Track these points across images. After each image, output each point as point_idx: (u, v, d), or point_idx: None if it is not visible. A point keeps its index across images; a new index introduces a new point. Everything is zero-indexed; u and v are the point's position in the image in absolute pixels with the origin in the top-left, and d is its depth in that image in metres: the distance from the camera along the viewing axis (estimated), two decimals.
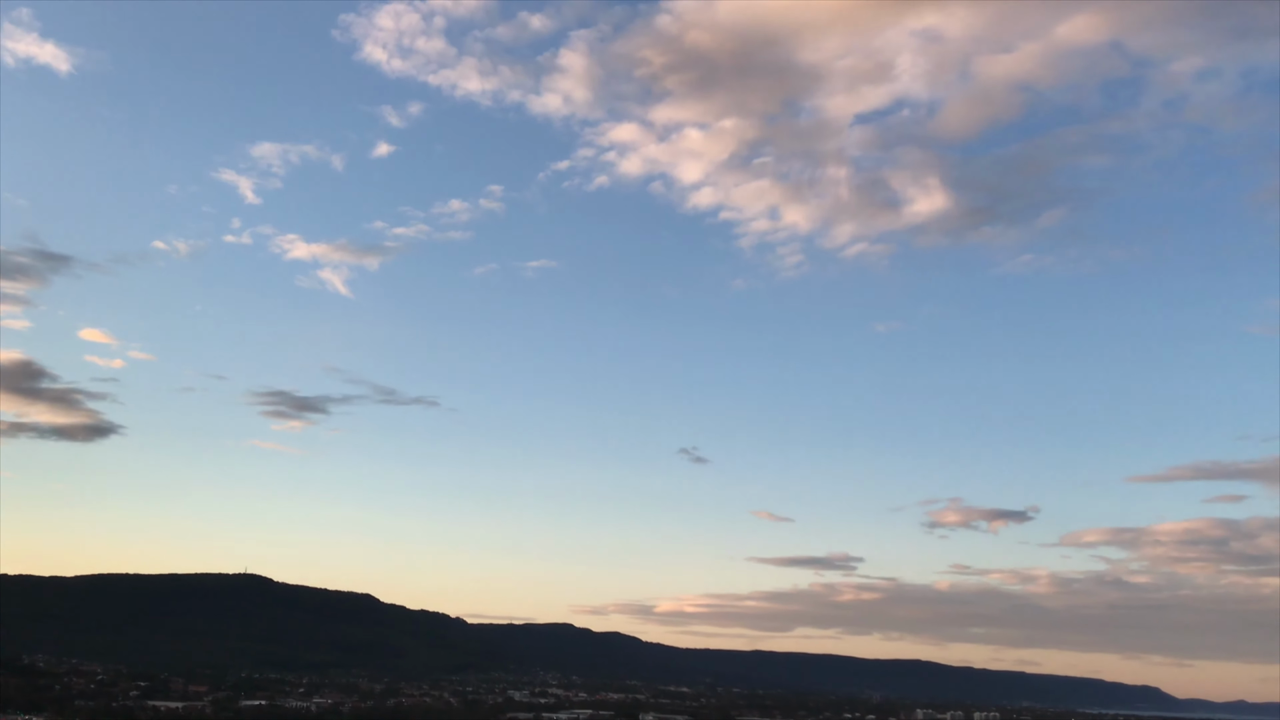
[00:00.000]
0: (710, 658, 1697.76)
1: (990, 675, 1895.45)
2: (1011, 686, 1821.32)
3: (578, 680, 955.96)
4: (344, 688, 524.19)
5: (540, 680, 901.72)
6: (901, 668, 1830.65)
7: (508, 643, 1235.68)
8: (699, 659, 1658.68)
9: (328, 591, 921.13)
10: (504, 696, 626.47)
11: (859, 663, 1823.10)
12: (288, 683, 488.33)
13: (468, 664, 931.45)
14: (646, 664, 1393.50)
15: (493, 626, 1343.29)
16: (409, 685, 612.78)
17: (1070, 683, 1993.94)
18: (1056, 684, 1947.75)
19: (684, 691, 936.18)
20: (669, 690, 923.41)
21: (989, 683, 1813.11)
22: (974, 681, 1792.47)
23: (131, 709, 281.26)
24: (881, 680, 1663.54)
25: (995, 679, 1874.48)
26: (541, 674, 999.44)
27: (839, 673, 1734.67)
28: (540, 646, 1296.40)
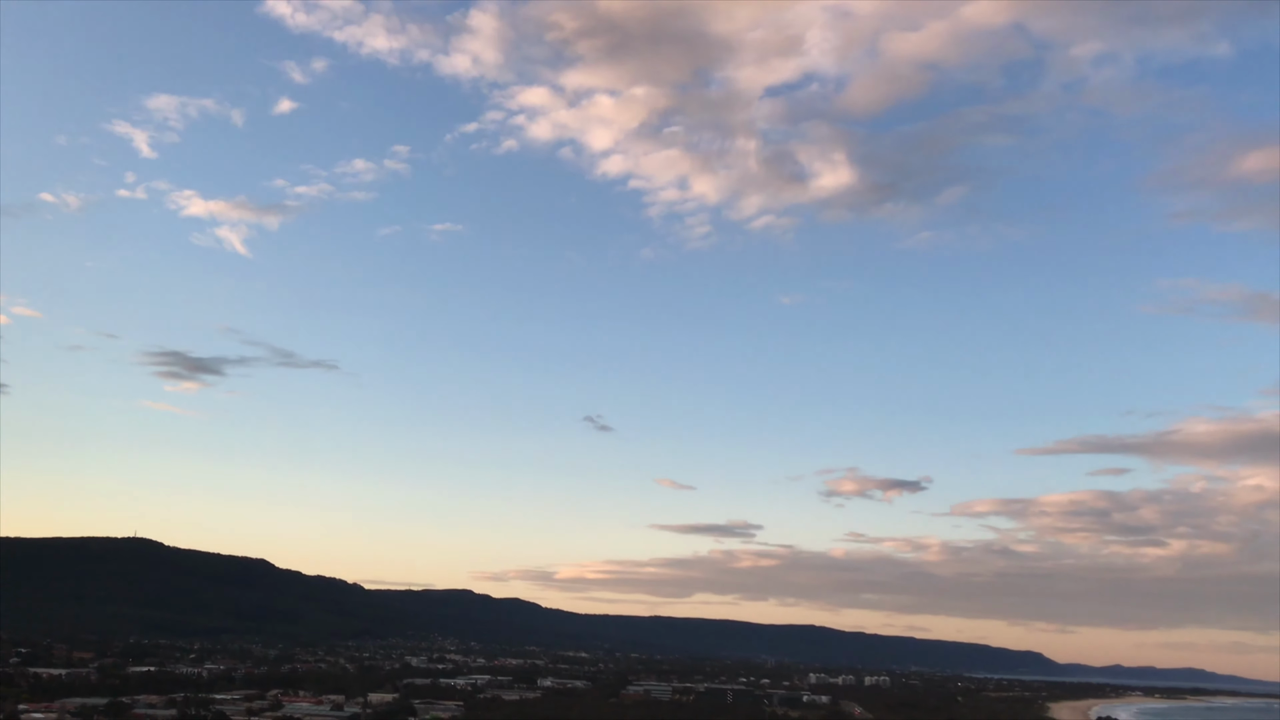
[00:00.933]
0: (610, 624, 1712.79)
1: (882, 640, 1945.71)
2: (902, 651, 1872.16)
3: (476, 646, 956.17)
4: (237, 654, 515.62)
5: (438, 646, 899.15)
6: (797, 633, 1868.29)
7: (406, 609, 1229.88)
8: (599, 625, 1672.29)
9: (221, 557, 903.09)
10: (401, 663, 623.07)
11: (755, 628, 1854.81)
12: (178, 649, 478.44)
13: (364, 630, 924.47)
14: (546, 630, 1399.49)
15: (391, 593, 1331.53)
16: (304, 652, 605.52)
17: (958, 648, 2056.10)
18: (945, 649, 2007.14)
19: (582, 657, 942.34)
20: (568, 656, 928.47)
21: (881, 648, 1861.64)
22: (866, 646, 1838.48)
23: (12, 675, 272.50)
24: (777, 645, 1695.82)
25: (887, 644, 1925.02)
26: (440, 640, 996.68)
27: (736, 638, 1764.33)
28: (439, 613, 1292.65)
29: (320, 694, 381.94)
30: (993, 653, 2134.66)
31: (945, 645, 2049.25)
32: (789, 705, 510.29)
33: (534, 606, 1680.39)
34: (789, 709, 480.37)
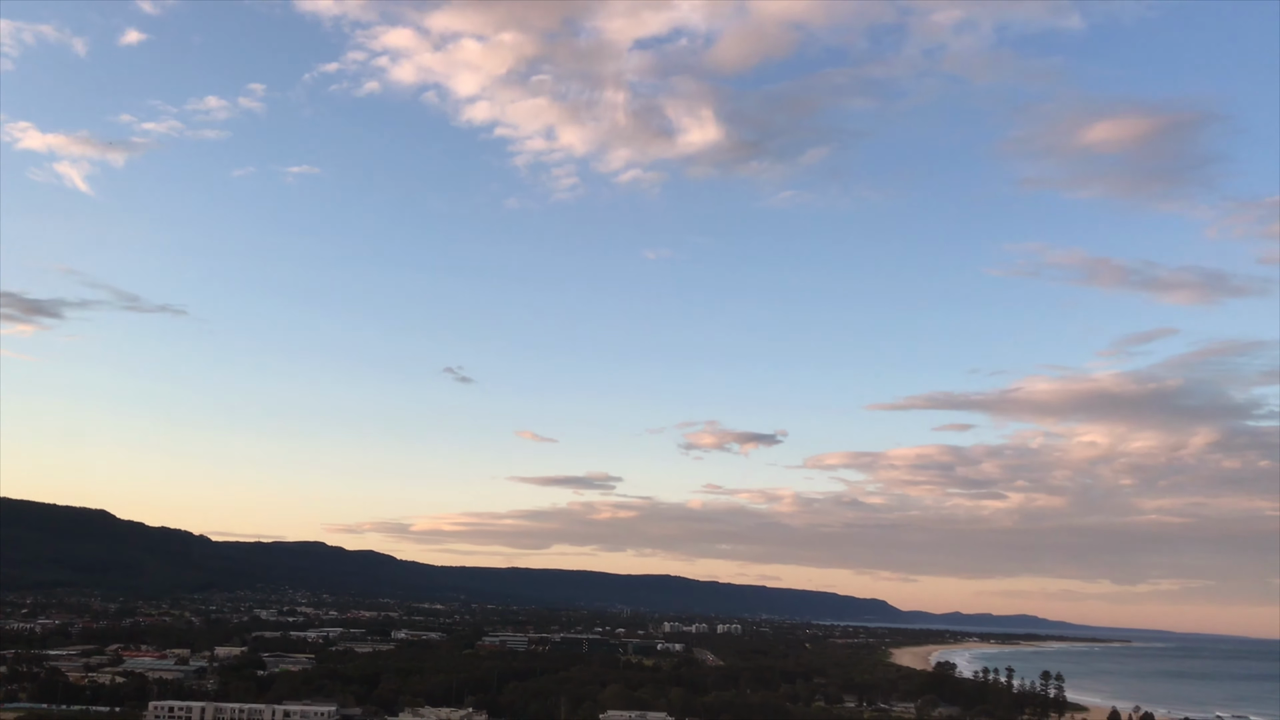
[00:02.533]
0: (466, 575, 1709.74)
1: (735, 589, 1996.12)
2: (754, 600, 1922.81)
3: (329, 599, 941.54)
4: (74, 608, 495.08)
5: (289, 599, 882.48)
6: (653, 582, 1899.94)
7: (255, 562, 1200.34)
8: (455, 577, 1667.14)
9: (57, 508, 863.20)
10: (250, 616, 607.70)
11: (613, 578, 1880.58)
12: (9, 603, 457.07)
13: (211, 583, 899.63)
14: (401, 582, 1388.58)
15: (239, 545, 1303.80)
16: (147, 605, 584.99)
17: (807, 596, 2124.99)
18: (795, 597, 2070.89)
19: (438, 609, 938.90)
20: (423, 608, 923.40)
21: (734, 596, 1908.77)
22: (720, 595, 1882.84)
23: None
24: (634, 595, 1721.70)
25: (740, 593, 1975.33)
26: (291, 593, 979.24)
27: (593, 588, 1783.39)
28: (290, 565, 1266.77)
29: (164, 648, 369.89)
30: (840, 600, 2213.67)
31: (795, 594, 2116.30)
32: (644, 654, 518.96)
33: (389, 559, 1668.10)
34: (644, 657, 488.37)
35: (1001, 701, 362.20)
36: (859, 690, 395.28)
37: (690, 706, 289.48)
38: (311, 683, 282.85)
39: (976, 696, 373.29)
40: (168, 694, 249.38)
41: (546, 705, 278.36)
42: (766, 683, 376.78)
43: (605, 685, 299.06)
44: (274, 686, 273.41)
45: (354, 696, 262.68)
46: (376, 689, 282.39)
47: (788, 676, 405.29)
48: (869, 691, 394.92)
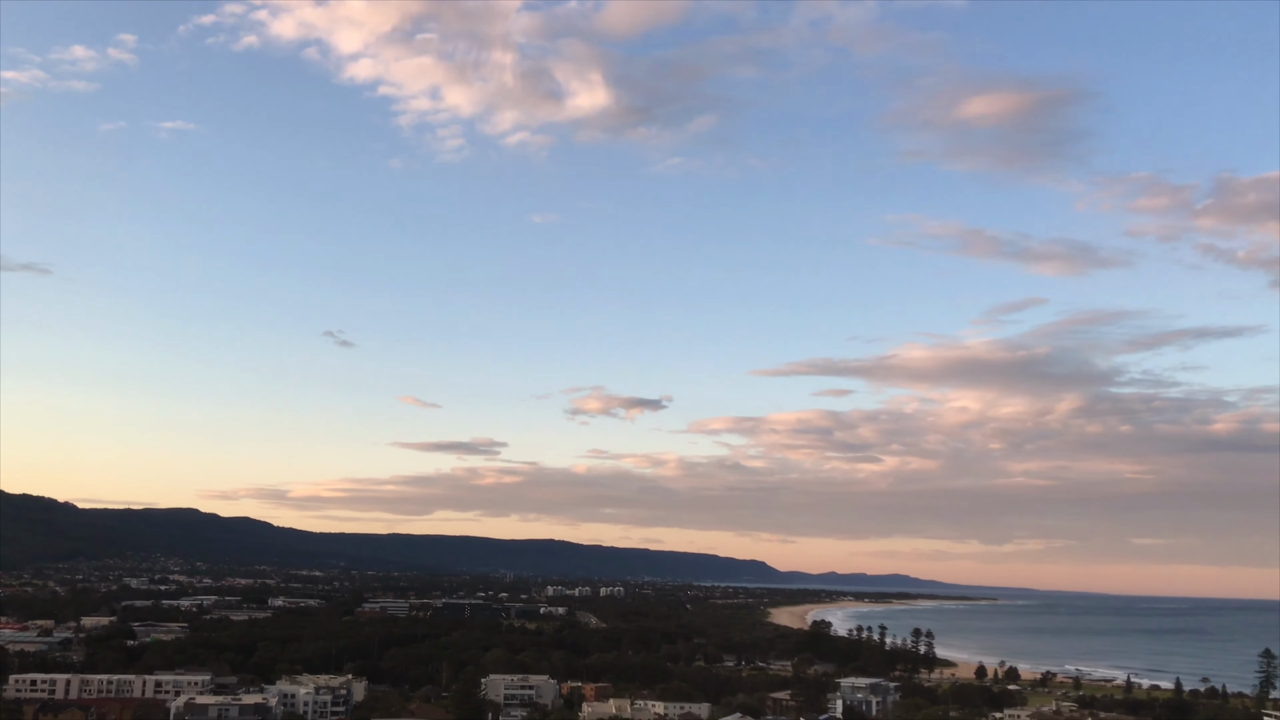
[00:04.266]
0: (346, 541, 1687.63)
1: (619, 553, 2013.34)
2: (637, 563, 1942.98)
3: (203, 567, 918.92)
4: None
5: (161, 567, 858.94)
6: (537, 547, 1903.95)
7: (124, 529, 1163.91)
8: (334, 543, 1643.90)
9: None
10: (119, 585, 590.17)
11: (497, 543, 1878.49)
12: None
13: (77, 551, 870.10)
14: (278, 549, 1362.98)
15: (108, 512, 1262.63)
16: (7, 575, 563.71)
17: (689, 558, 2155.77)
18: (677, 559, 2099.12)
19: (317, 576, 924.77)
20: (301, 575, 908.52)
21: (618, 560, 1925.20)
22: (604, 559, 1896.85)
23: None
24: (518, 559, 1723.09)
25: (623, 556, 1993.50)
26: (163, 561, 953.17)
27: (477, 553, 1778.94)
28: (162, 532, 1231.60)
29: (26, 619, 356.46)
30: (721, 562, 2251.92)
31: (678, 556, 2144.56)
32: (527, 618, 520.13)
33: (266, 525, 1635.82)
34: (526, 621, 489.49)
35: (874, 658, 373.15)
36: (738, 650, 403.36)
37: (573, 668, 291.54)
38: (185, 652, 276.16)
39: (851, 654, 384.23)
40: (29, 667, 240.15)
41: (428, 670, 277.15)
42: (648, 644, 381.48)
43: (488, 649, 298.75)
44: (144, 657, 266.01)
45: (229, 665, 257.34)
46: (253, 657, 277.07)
47: (669, 637, 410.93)
48: (748, 651, 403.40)
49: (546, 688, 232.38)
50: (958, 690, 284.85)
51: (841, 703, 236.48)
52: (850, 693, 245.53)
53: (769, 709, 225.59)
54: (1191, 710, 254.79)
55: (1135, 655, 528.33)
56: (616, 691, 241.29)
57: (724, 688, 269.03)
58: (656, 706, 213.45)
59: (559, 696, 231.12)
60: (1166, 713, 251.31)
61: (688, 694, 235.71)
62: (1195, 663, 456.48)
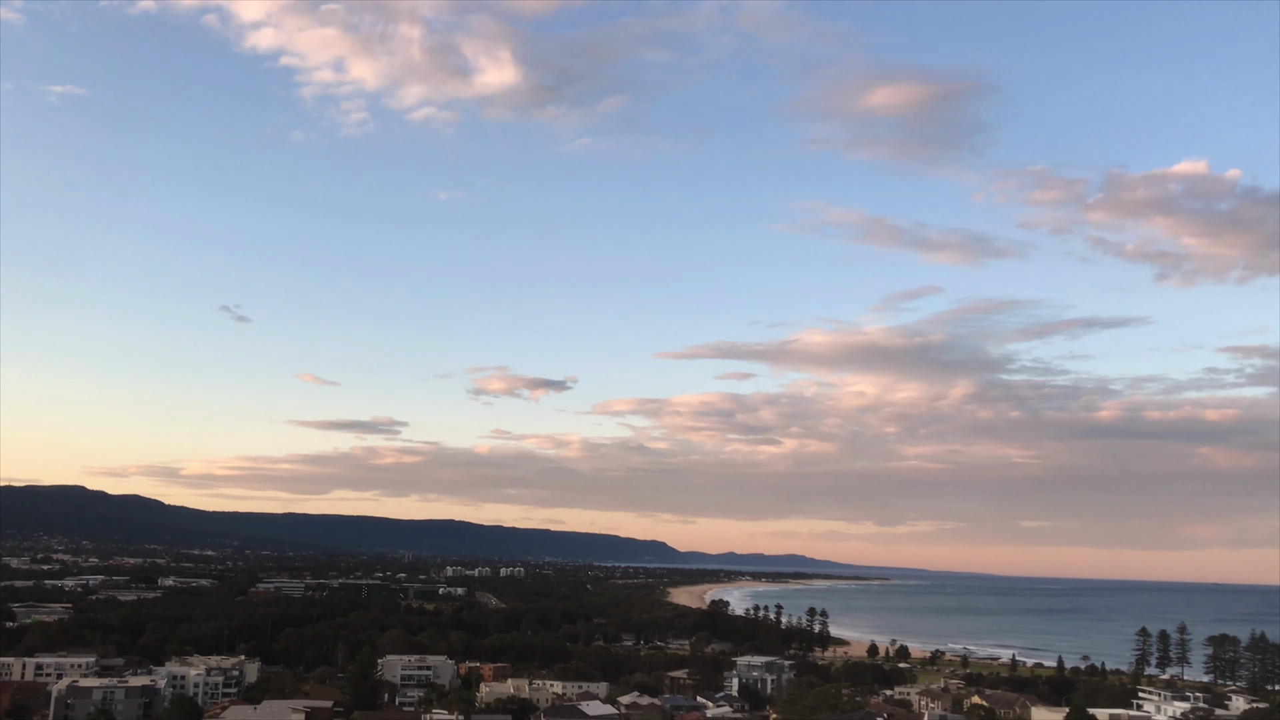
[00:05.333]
0: (241, 521, 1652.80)
1: (520, 534, 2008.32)
2: (539, 543, 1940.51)
3: (89, 546, 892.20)
4: None
5: (44, 546, 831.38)
6: (437, 528, 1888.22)
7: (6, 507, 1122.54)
8: (228, 522, 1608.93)
9: None
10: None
11: (396, 524, 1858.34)
12: None
13: None
14: (169, 528, 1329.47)
15: None
16: None
17: (591, 539, 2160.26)
18: (579, 540, 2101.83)
19: (210, 555, 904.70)
20: (193, 554, 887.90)
21: (519, 540, 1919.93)
22: (505, 540, 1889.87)
23: None
24: (417, 540, 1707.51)
25: (525, 537, 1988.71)
26: (46, 539, 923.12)
27: (375, 533, 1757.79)
28: (46, 511, 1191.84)
29: None
30: (622, 543, 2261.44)
31: (579, 536, 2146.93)
32: (425, 598, 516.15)
33: (157, 504, 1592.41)
34: (425, 602, 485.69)
35: (771, 637, 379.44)
36: (637, 629, 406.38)
37: (471, 649, 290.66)
38: (68, 633, 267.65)
39: (748, 633, 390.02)
40: None
41: (323, 651, 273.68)
42: (548, 624, 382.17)
43: (385, 630, 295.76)
44: (25, 638, 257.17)
45: (116, 647, 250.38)
46: (141, 638, 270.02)
47: (569, 617, 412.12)
48: (647, 630, 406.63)
49: (444, 668, 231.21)
50: (850, 668, 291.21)
51: (738, 681, 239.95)
52: (746, 671, 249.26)
53: (666, 688, 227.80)
54: (1072, 687, 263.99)
55: (1021, 634, 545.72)
56: (515, 671, 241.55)
57: (622, 667, 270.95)
58: (555, 686, 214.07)
59: (456, 677, 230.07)
60: (1049, 689, 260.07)
61: (586, 673, 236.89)
62: (1077, 641, 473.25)
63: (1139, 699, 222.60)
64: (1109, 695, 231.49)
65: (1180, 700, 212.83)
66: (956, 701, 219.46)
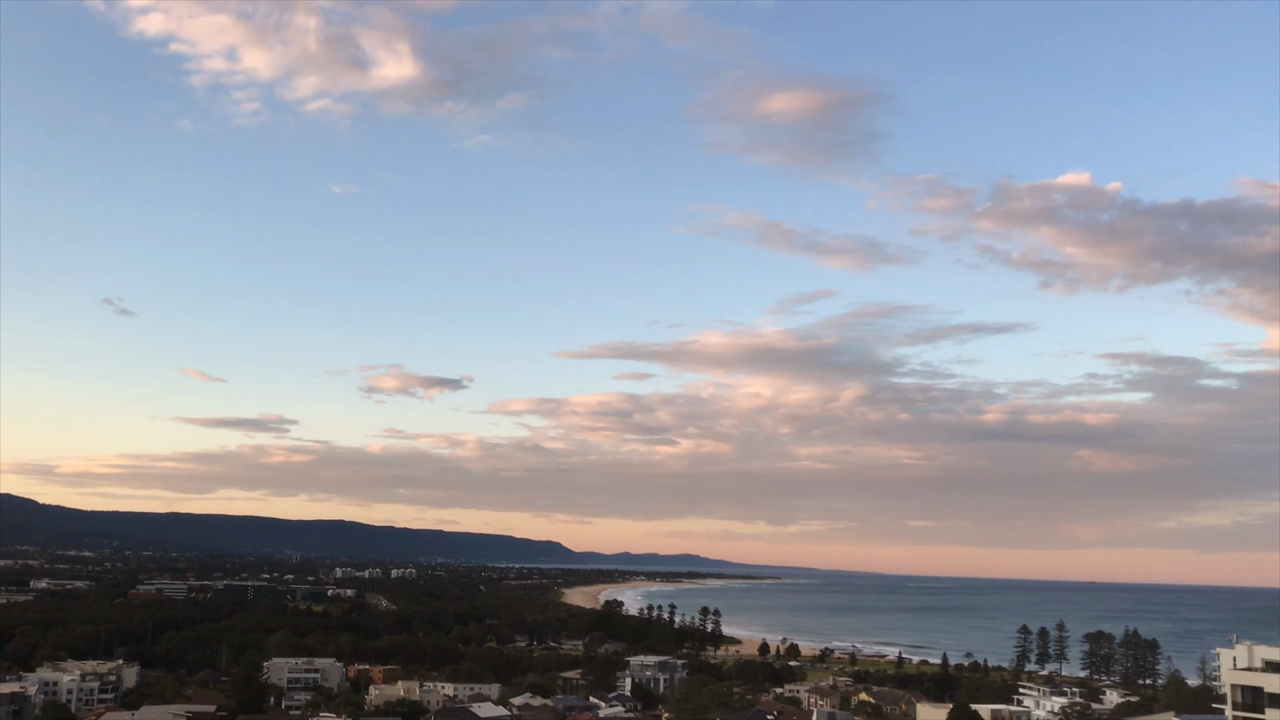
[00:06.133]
0: (121, 520, 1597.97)
1: (412, 534, 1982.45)
2: (431, 544, 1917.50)
3: None
4: None
5: None
6: (327, 528, 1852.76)
7: None
8: (107, 522, 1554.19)
9: None
10: None
11: (284, 524, 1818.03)
12: None
13: None
14: (43, 528, 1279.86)
15: None
16: None
17: (485, 539, 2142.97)
18: (472, 541, 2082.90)
19: (86, 556, 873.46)
20: (69, 555, 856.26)
21: (411, 541, 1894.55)
22: (397, 540, 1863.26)
23: None
24: (306, 540, 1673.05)
25: (417, 537, 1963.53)
26: None
27: (262, 534, 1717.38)
28: None
29: None
30: (517, 543, 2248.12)
31: (473, 537, 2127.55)
32: (314, 600, 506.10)
33: (29, 503, 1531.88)
34: (313, 604, 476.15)
35: (664, 636, 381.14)
36: (531, 630, 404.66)
37: (360, 651, 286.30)
38: None
39: (641, 632, 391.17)
40: None
41: (207, 654, 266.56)
42: (440, 625, 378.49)
43: (271, 632, 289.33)
44: None
45: None
46: (10, 643, 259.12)
47: (461, 619, 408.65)
48: (540, 631, 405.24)
49: (332, 670, 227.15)
50: (742, 666, 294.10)
51: (630, 681, 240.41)
52: (639, 671, 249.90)
53: (559, 688, 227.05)
54: (956, 683, 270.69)
55: (907, 632, 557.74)
56: (406, 673, 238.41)
57: (515, 668, 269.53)
58: (446, 688, 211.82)
59: (345, 679, 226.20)
60: (933, 686, 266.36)
61: (478, 675, 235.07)
62: (961, 639, 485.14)
63: (1019, 694, 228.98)
64: (991, 691, 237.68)
65: (1058, 695, 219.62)
66: (845, 698, 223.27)
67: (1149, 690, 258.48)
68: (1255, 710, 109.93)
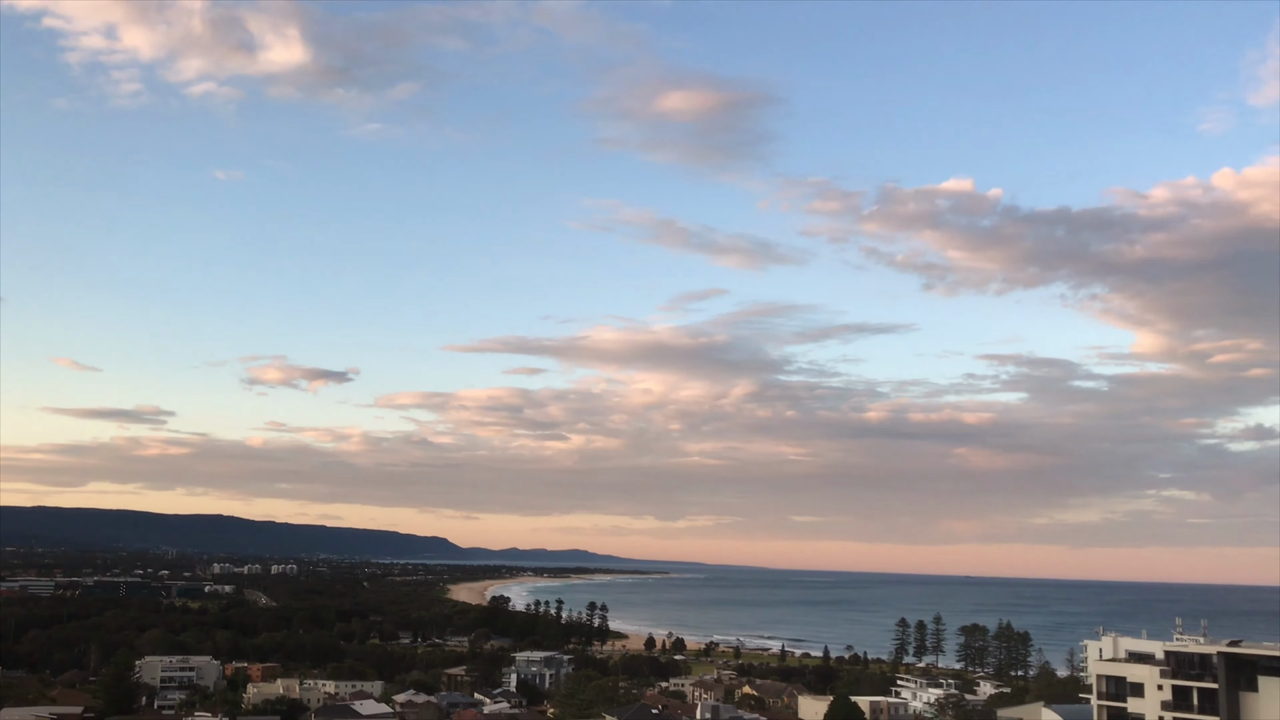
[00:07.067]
0: None
1: (294, 529, 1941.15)
2: (314, 540, 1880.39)
3: None
4: None
5: None
6: (205, 522, 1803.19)
7: None
8: None
9: None
10: None
11: (160, 518, 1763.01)
12: None
13: None
14: None
15: None
16: None
17: (369, 535, 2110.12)
18: (357, 536, 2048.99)
19: None
20: None
21: (293, 536, 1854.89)
22: (278, 536, 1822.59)
23: None
24: (183, 535, 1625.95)
25: (299, 533, 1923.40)
26: None
27: (137, 528, 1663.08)
28: None
29: None
30: (402, 539, 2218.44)
31: (358, 533, 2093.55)
32: (190, 596, 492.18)
33: None
34: (189, 600, 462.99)
35: (551, 632, 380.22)
36: (415, 626, 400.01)
37: (239, 648, 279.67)
38: None
39: (528, 628, 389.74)
40: None
41: (74, 654, 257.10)
42: (321, 622, 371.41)
43: (144, 630, 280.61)
44: None
45: None
46: None
47: (344, 615, 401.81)
48: (425, 627, 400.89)
49: (209, 669, 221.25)
50: (628, 661, 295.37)
51: (516, 676, 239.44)
52: (525, 666, 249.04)
53: (443, 685, 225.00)
54: (837, 675, 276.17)
55: (791, 625, 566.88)
56: (285, 671, 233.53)
57: (398, 665, 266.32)
58: (327, 685, 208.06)
59: (222, 678, 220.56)
60: (815, 679, 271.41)
61: (360, 672, 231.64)
62: (842, 632, 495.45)
63: (897, 686, 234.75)
64: (870, 683, 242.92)
65: (934, 687, 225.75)
66: (729, 692, 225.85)
67: (1020, 681, 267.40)
68: (1118, 699, 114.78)
